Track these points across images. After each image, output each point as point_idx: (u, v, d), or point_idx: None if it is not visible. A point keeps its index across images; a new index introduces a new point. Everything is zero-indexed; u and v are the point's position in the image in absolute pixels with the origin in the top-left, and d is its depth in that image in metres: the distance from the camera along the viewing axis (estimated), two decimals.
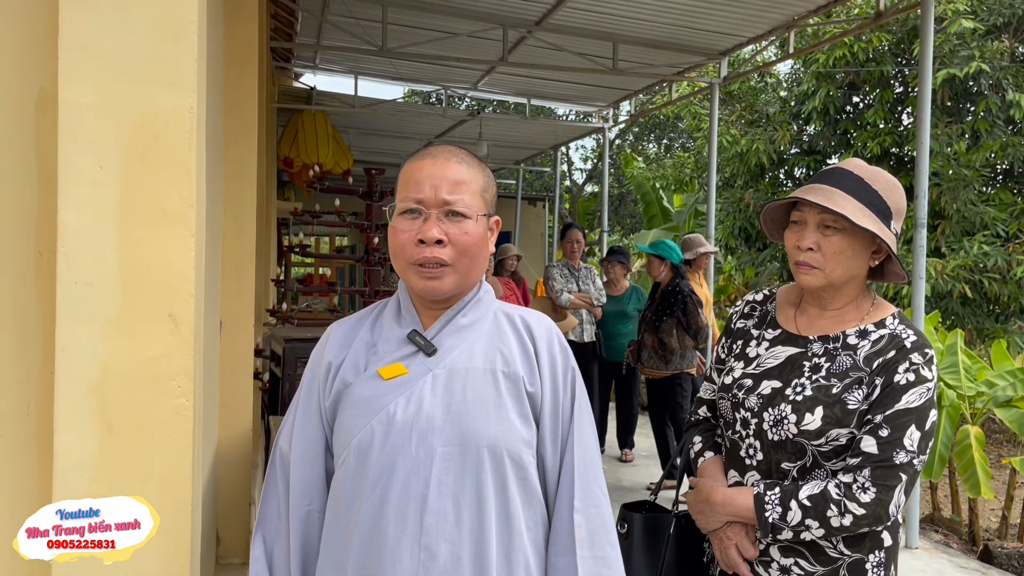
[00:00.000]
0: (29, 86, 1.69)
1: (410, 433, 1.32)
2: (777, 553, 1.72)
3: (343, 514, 1.34)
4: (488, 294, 1.48)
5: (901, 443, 1.61)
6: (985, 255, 9.10)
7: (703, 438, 1.95)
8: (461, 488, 1.32)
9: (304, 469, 1.40)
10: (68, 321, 1.61)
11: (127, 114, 1.64)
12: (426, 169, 1.39)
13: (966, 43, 9.42)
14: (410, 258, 1.37)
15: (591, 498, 1.40)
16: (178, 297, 1.67)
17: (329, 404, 1.40)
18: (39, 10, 1.68)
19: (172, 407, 1.66)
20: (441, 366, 1.37)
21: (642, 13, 6.60)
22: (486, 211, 1.42)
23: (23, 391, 1.69)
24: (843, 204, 1.65)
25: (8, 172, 1.68)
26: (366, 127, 10.94)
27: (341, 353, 1.42)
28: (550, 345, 1.44)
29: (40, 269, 1.69)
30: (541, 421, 1.41)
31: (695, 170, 13.66)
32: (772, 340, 1.83)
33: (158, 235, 1.65)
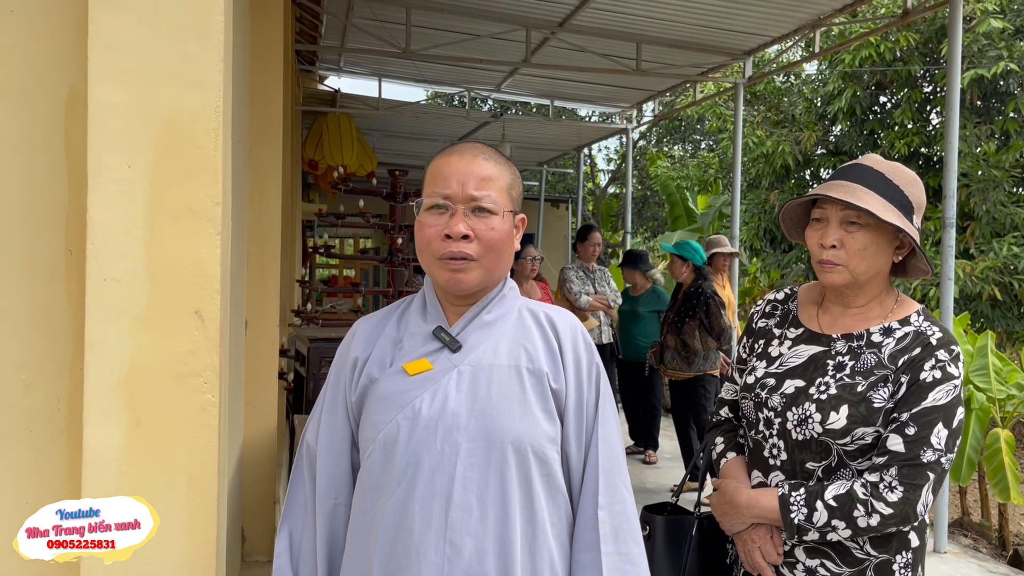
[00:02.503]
0: (59, 86, 1.72)
1: (435, 429, 1.33)
2: (803, 554, 1.71)
3: (368, 508, 1.36)
4: (513, 291, 1.48)
5: (928, 441, 1.59)
6: (1015, 257, 8.97)
7: (725, 439, 1.94)
8: (486, 484, 1.33)
9: (330, 463, 1.41)
10: (97, 317, 1.64)
11: (155, 113, 1.66)
12: (453, 165, 1.40)
13: (995, 43, 9.30)
14: (436, 252, 1.38)
15: (615, 494, 1.40)
16: (204, 294, 1.69)
17: (355, 399, 1.41)
18: (68, 12, 1.71)
19: (198, 403, 1.67)
20: (466, 362, 1.38)
21: (666, 13, 6.57)
22: (512, 208, 1.43)
23: (53, 386, 1.71)
24: (867, 200, 1.63)
25: (39, 171, 1.71)
26: (389, 129, 10.99)
27: (367, 349, 1.43)
28: (574, 341, 1.44)
29: (70, 266, 1.72)
30: (565, 417, 1.41)
31: (719, 171, 13.58)
32: (795, 339, 1.82)
33: (185, 232, 1.67)
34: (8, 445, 1.67)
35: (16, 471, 1.67)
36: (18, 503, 1.64)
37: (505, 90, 9.59)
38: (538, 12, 6.84)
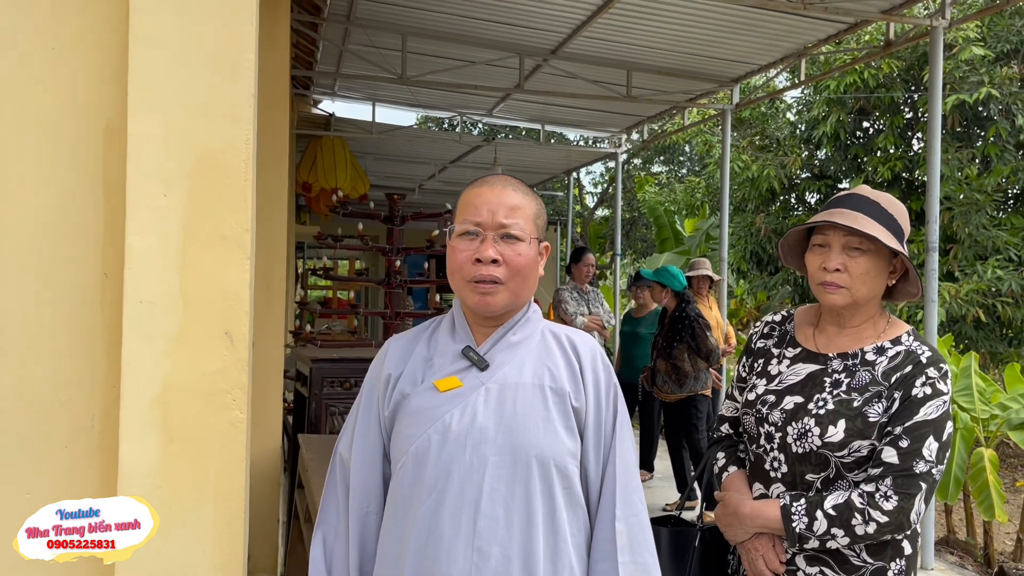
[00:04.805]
0: (97, 120, 1.81)
1: (465, 442, 1.41)
2: (803, 562, 1.80)
3: (400, 516, 1.44)
4: (536, 314, 1.57)
5: (920, 453, 1.70)
6: (999, 279, 9.15)
7: (726, 454, 2.04)
8: (512, 495, 1.41)
9: (363, 474, 1.49)
10: (133, 338, 1.71)
11: (189, 145, 1.75)
12: (484, 195, 1.50)
13: (976, 69, 9.54)
14: (467, 276, 1.47)
15: (631, 507, 1.49)
16: (234, 316, 1.77)
17: (388, 413, 1.49)
18: (106, 50, 1.80)
19: (228, 419, 1.75)
20: (493, 380, 1.46)
21: (655, 42, 6.74)
22: (537, 236, 1.53)
23: (88, 405, 1.79)
24: (870, 227, 1.75)
25: (78, 200, 1.79)
26: (381, 152, 11.10)
27: (399, 366, 1.52)
28: (594, 363, 1.54)
29: (105, 290, 1.80)
30: (585, 434, 1.49)
31: (706, 194, 13.77)
32: (793, 358, 1.92)
33: (217, 258, 1.76)
34: (46, 460, 1.74)
35: (53, 485, 1.74)
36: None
37: (497, 115, 9.74)
38: (531, 40, 6.99)
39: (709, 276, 6.74)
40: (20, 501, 1.70)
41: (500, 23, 6.59)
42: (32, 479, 1.71)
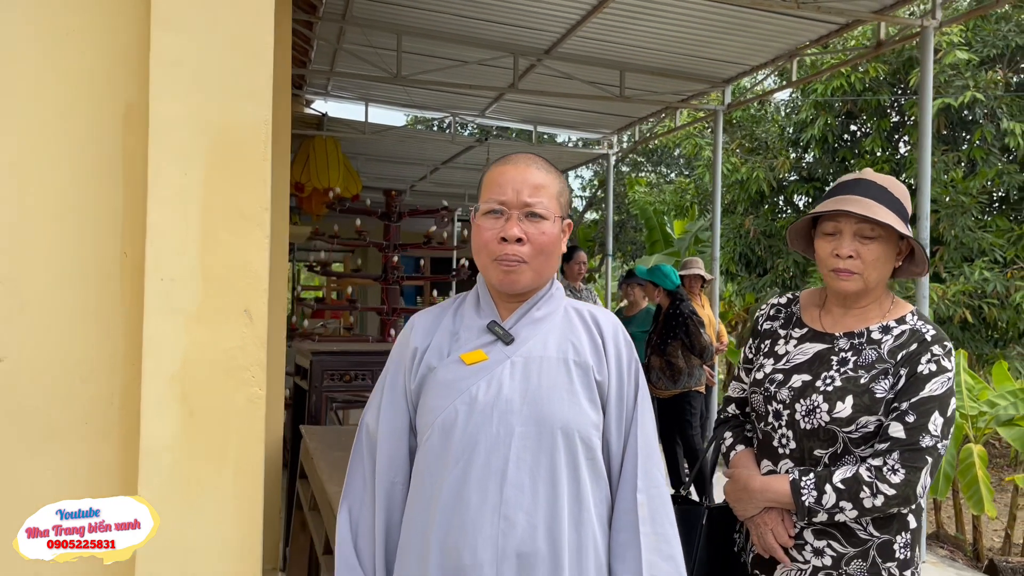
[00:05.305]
0: (117, 102, 1.83)
1: (491, 413, 1.44)
2: (811, 536, 1.84)
3: (427, 486, 1.46)
4: (559, 291, 1.60)
5: (926, 428, 1.74)
6: (985, 280, 9.27)
7: (733, 433, 2.08)
8: (537, 464, 1.44)
9: (390, 445, 1.52)
10: (154, 315, 1.74)
11: (210, 125, 1.78)
12: (508, 174, 1.53)
13: (961, 73, 9.67)
14: (492, 254, 1.50)
15: (652, 480, 1.52)
16: (253, 293, 1.80)
17: (415, 386, 1.52)
18: (126, 33, 1.83)
19: (246, 395, 1.78)
20: (518, 354, 1.49)
21: (649, 42, 6.81)
22: (560, 214, 1.55)
23: (108, 381, 1.80)
24: (883, 214, 1.79)
25: (97, 180, 1.81)
26: (373, 153, 11.11)
27: (426, 339, 1.55)
28: (616, 338, 1.57)
29: (124, 268, 1.82)
30: (607, 407, 1.53)
31: (696, 196, 13.86)
32: (799, 338, 1.96)
33: (236, 236, 1.79)
34: (66, 437, 1.76)
35: (73, 461, 1.75)
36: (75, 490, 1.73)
37: (489, 115, 9.78)
38: (526, 40, 7.04)
39: (701, 275, 6.80)
40: (44, 477, 1.72)
41: (495, 22, 6.64)
42: (54, 455, 1.73)
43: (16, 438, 1.71)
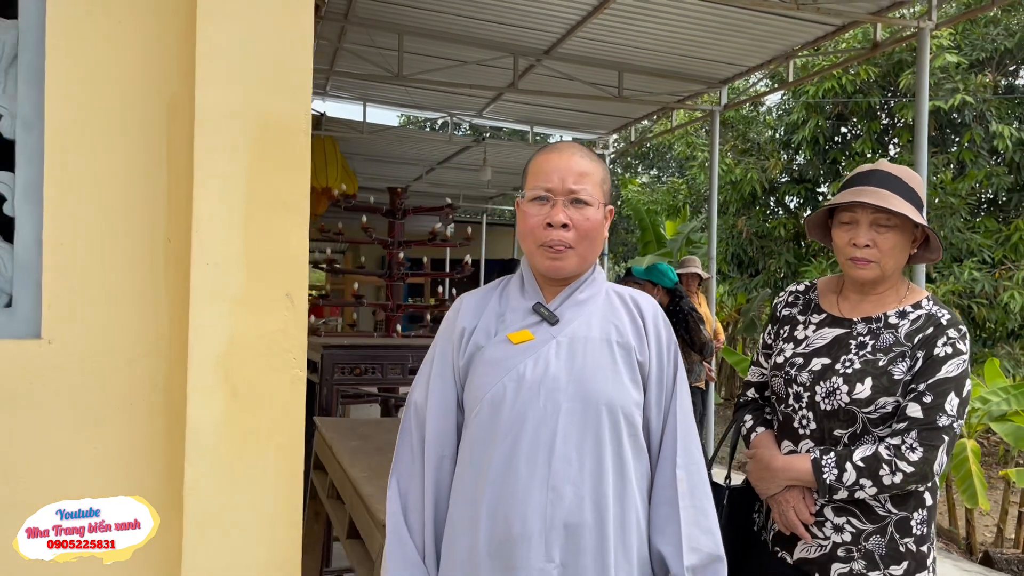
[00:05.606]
0: (161, 93, 1.88)
1: (539, 390, 1.51)
2: (831, 513, 1.91)
3: (476, 459, 1.52)
4: (601, 275, 1.67)
5: (943, 408, 1.82)
6: (974, 280, 9.40)
7: (753, 416, 2.15)
8: (583, 439, 1.50)
9: (438, 421, 1.58)
10: (200, 299, 1.79)
11: (253, 115, 1.84)
12: (554, 162, 1.59)
13: (950, 76, 9.80)
14: (538, 240, 1.56)
15: (690, 456, 1.59)
16: (294, 278, 1.86)
17: (463, 364, 1.58)
18: (172, 27, 1.88)
19: (289, 377, 1.84)
20: (563, 334, 1.56)
21: (647, 43, 6.89)
22: (604, 200, 1.61)
23: (152, 364, 1.86)
24: (898, 204, 1.87)
25: (142, 169, 1.87)
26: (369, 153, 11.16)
27: (473, 320, 1.61)
28: (656, 321, 1.64)
29: (168, 254, 1.88)
30: (648, 386, 1.59)
31: (688, 196, 13.96)
32: (818, 323, 2.04)
33: (278, 223, 1.84)
34: (112, 418, 1.81)
35: (118, 441, 1.80)
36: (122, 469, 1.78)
37: (487, 115, 9.84)
38: (526, 40, 7.11)
39: (699, 274, 6.88)
40: (90, 455, 1.77)
41: (497, 23, 6.71)
42: (100, 434, 1.78)
43: (63, 417, 1.76)
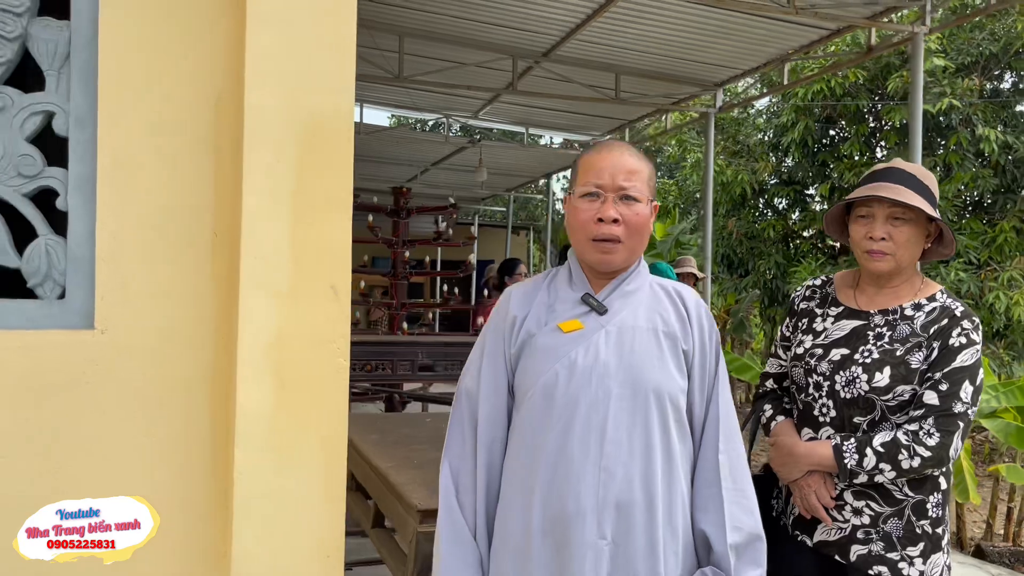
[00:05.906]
0: (209, 94, 1.95)
1: (590, 376, 1.59)
2: (850, 496, 2.00)
3: (529, 442, 1.60)
4: (645, 268, 1.75)
5: (958, 395, 1.91)
6: (960, 281, 9.57)
7: (772, 405, 2.24)
8: (633, 423, 1.59)
9: (490, 405, 1.66)
10: (249, 291, 1.85)
11: (300, 115, 1.91)
12: (605, 159, 1.67)
13: (938, 80, 9.96)
14: (589, 234, 1.65)
15: (732, 441, 1.68)
16: (338, 271, 1.93)
17: (514, 351, 1.66)
18: (218, 27, 1.95)
19: (333, 366, 1.91)
20: (612, 324, 1.64)
21: (645, 46, 7.00)
22: (651, 197, 1.70)
23: (200, 357, 1.92)
24: (912, 198, 1.96)
25: (189, 165, 1.93)
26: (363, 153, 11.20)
27: (524, 309, 1.69)
28: (699, 312, 1.72)
29: (215, 248, 1.94)
30: (692, 374, 1.68)
31: (679, 198, 14.09)
32: (836, 316, 2.13)
33: (323, 218, 1.91)
34: (162, 410, 1.87)
35: (169, 428, 1.87)
36: (175, 458, 1.84)
37: (483, 117, 9.92)
38: (525, 43, 7.20)
39: (694, 274, 6.99)
40: (141, 442, 1.83)
41: (497, 25, 6.79)
42: (151, 422, 1.84)
43: (115, 405, 1.82)
